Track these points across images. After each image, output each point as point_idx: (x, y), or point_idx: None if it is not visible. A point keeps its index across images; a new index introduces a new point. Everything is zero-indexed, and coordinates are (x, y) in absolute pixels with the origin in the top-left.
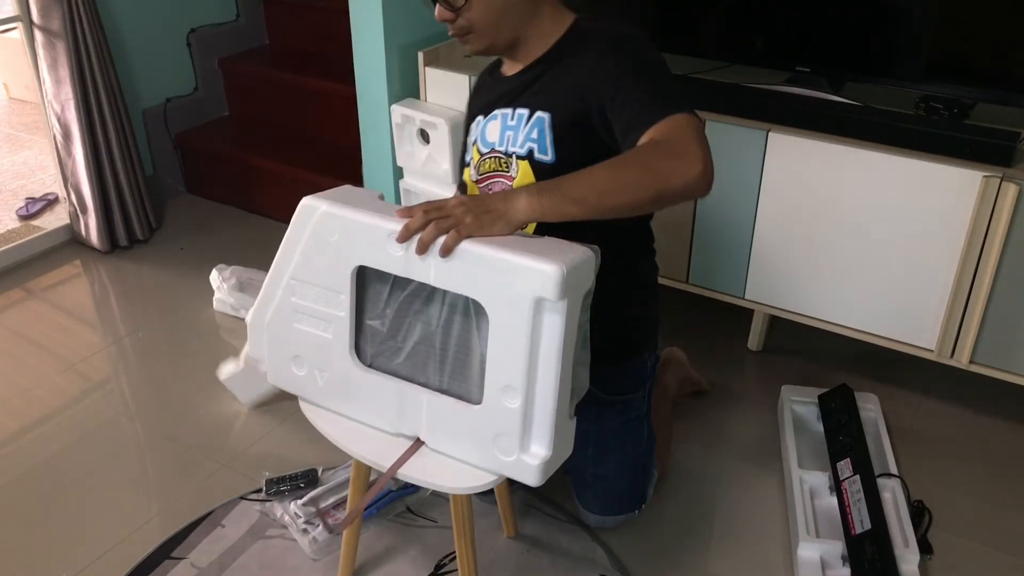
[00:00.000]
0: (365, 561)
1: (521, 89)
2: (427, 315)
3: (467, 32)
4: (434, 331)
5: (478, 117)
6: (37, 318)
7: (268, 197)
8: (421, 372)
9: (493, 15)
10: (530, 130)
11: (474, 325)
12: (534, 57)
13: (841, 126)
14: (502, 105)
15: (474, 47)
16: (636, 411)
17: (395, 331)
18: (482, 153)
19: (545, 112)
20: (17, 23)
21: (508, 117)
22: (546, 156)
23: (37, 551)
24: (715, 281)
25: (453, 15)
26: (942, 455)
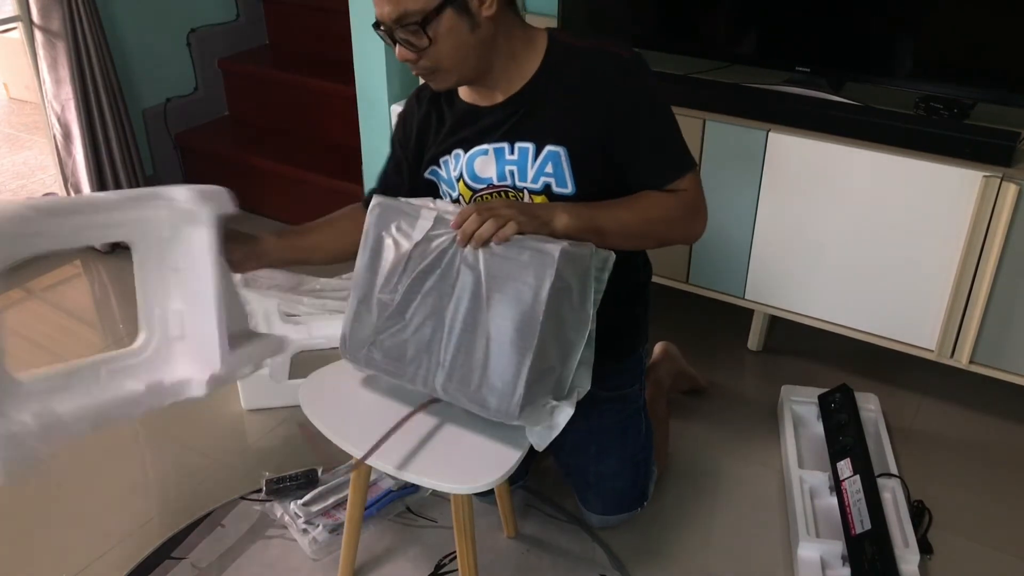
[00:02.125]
0: (365, 561)
1: (515, 121)
2: (439, 291)
3: (433, 72)
4: (444, 307)
5: (455, 151)
6: (37, 318)
7: (268, 197)
8: (426, 349)
9: (459, 52)
10: (542, 164)
11: (484, 303)
12: (517, 85)
13: (841, 126)
14: (490, 140)
15: (440, 85)
16: (634, 404)
17: (404, 307)
18: (475, 189)
19: (558, 146)
20: (17, 23)
21: (505, 151)
22: (566, 189)
23: (37, 551)
24: (715, 281)
25: (416, 55)
26: (942, 455)
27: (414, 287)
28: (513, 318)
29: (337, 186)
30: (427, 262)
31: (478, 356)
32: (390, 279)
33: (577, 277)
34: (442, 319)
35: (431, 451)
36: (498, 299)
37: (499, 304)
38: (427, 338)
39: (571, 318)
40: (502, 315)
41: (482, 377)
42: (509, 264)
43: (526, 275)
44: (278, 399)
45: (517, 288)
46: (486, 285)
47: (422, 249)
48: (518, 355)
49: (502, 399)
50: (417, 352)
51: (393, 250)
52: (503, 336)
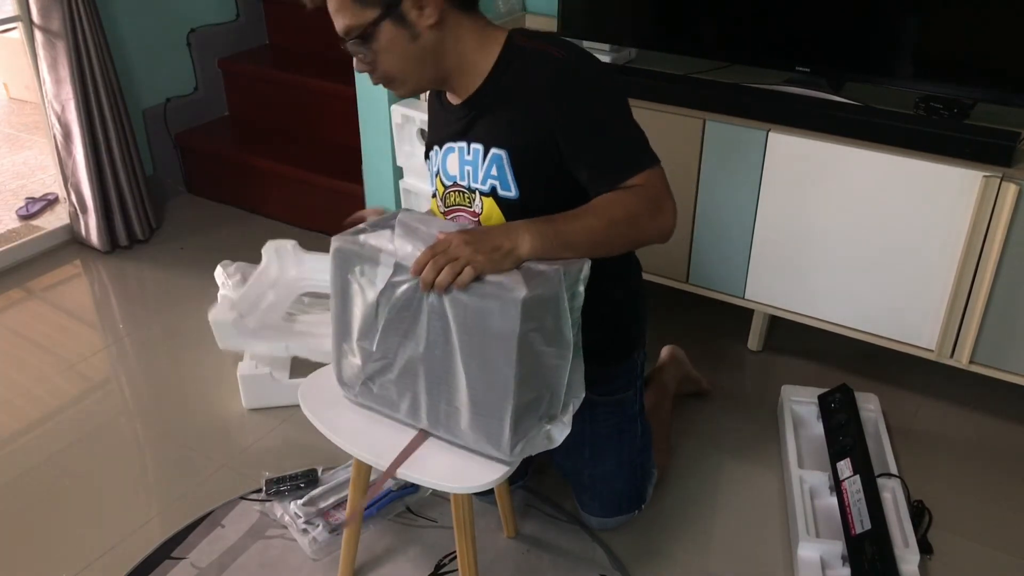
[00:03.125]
0: (365, 561)
1: (469, 122)
2: (414, 338)
3: (389, 81)
4: (420, 354)
5: (435, 147)
6: (37, 318)
7: (268, 197)
8: (411, 392)
9: (404, 62)
10: (488, 167)
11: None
12: (472, 88)
13: (841, 126)
14: (455, 138)
15: (401, 93)
16: (630, 410)
17: (384, 353)
18: (446, 186)
19: (500, 149)
20: (17, 23)
21: (464, 151)
22: (510, 192)
23: (37, 551)
24: (715, 281)
25: (368, 67)
26: (942, 455)
27: (388, 334)
28: (487, 366)
29: (337, 186)
30: (396, 311)
31: (461, 401)
32: (364, 328)
33: (549, 311)
34: (421, 364)
35: (431, 451)
36: (469, 348)
37: (471, 353)
38: (411, 381)
39: (550, 348)
40: (476, 363)
41: (469, 422)
42: (475, 313)
43: (493, 324)
44: (278, 399)
45: (485, 338)
46: (456, 334)
47: (387, 296)
48: (498, 400)
49: (491, 442)
50: (404, 394)
51: (360, 296)
52: (480, 383)
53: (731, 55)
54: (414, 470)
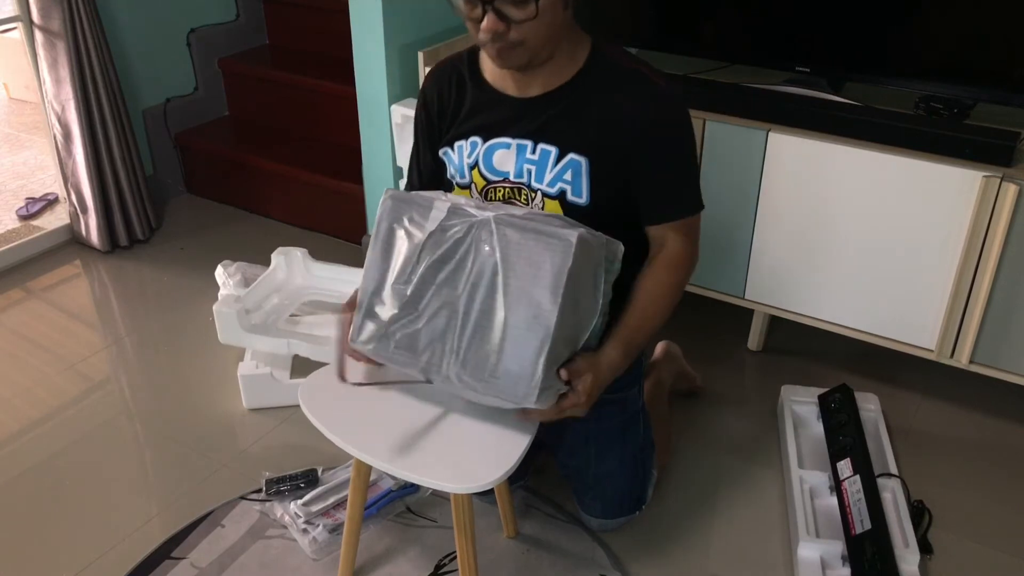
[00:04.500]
0: (365, 561)
1: (544, 121)
2: (454, 281)
3: (515, 47)
4: (459, 296)
5: (473, 137)
6: (37, 318)
7: (268, 197)
8: (439, 338)
9: (550, 29)
10: (562, 171)
11: (500, 290)
12: (558, 82)
13: (841, 126)
14: (513, 134)
15: (513, 62)
16: (633, 407)
17: (418, 297)
18: (490, 180)
19: (581, 156)
20: (17, 23)
21: (527, 150)
22: (580, 199)
23: (37, 551)
24: (715, 281)
25: (507, 27)
26: (942, 455)
27: (428, 277)
28: (531, 303)
29: (337, 186)
30: (441, 252)
31: (494, 342)
32: (404, 270)
33: (591, 264)
34: (456, 308)
35: (431, 451)
36: (516, 285)
37: (517, 290)
38: (441, 327)
39: (584, 303)
40: (520, 301)
41: (497, 363)
42: (527, 251)
43: (544, 261)
44: (278, 399)
45: (535, 274)
46: (503, 272)
47: (436, 239)
48: (536, 339)
49: (519, 383)
50: (430, 342)
51: (406, 241)
52: (520, 321)
53: (731, 55)
54: (414, 470)
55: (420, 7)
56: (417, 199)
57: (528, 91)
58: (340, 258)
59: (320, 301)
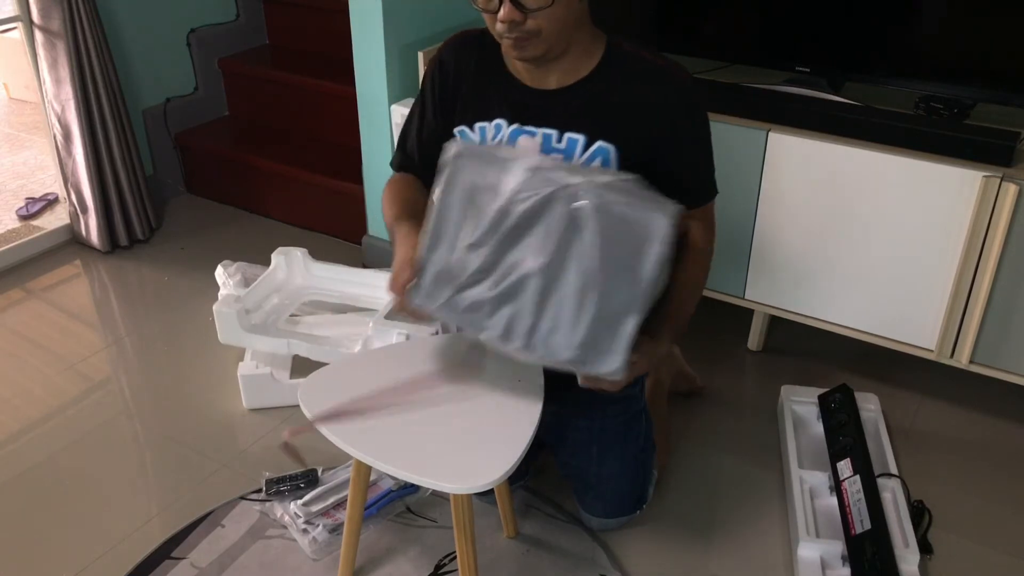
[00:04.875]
0: (365, 561)
1: (569, 112)
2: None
3: (531, 37)
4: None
5: (498, 120)
6: (37, 318)
7: (268, 197)
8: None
9: (566, 19)
10: (590, 159)
11: (590, 263)
12: (578, 75)
13: (841, 126)
14: (538, 123)
15: (529, 53)
16: (636, 406)
17: (493, 261)
18: None
19: (610, 144)
20: (17, 23)
21: (553, 139)
22: None
23: (37, 551)
24: (715, 281)
25: (523, 17)
26: (942, 455)
27: (506, 241)
28: (621, 279)
29: (337, 186)
30: (523, 217)
31: (579, 316)
32: (478, 233)
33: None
34: (537, 276)
35: (431, 451)
36: (606, 260)
37: (606, 261)
38: (515, 299)
39: (663, 275)
40: (609, 276)
41: (583, 338)
42: (624, 223)
43: (642, 232)
44: (278, 399)
45: (631, 246)
46: (594, 243)
47: (515, 204)
48: (624, 315)
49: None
50: (499, 310)
51: (482, 202)
52: (608, 297)
53: (731, 55)
54: (414, 470)
55: (420, 7)
56: (491, 155)
57: (545, 83)
58: (340, 258)
59: (320, 301)
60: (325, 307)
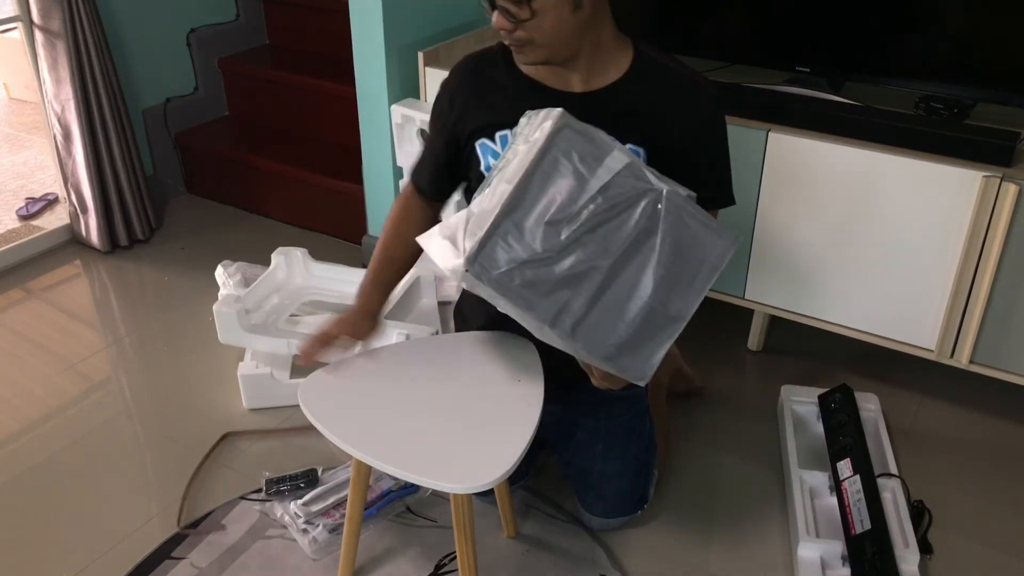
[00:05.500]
0: (365, 561)
1: (598, 116)
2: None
3: (525, 44)
4: (609, 258)
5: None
6: (37, 318)
7: (268, 197)
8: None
9: (557, 29)
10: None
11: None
12: (606, 79)
13: (841, 126)
14: None
15: (529, 58)
16: (640, 404)
17: (567, 243)
18: None
19: (639, 146)
20: (17, 23)
21: None
22: None
23: (37, 551)
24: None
25: (512, 25)
26: (942, 455)
27: (584, 227)
28: (680, 293)
29: (337, 186)
30: (607, 207)
31: (627, 317)
32: (563, 209)
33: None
34: (601, 269)
35: (431, 451)
36: (671, 271)
37: (671, 276)
38: (576, 286)
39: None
40: (671, 287)
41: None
42: (690, 240)
43: (704, 252)
44: (278, 399)
45: (691, 266)
46: (662, 253)
47: (606, 192)
48: (668, 327)
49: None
50: (558, 290)
51: (571, 180)
52: (663, 306)
53: (731, 55)
54: (414, 470)
55: (420, 7)
56: (594, 136)
57: (570, 85)
58: (340, 258)
59: (320, 301)
60: (325, 307)
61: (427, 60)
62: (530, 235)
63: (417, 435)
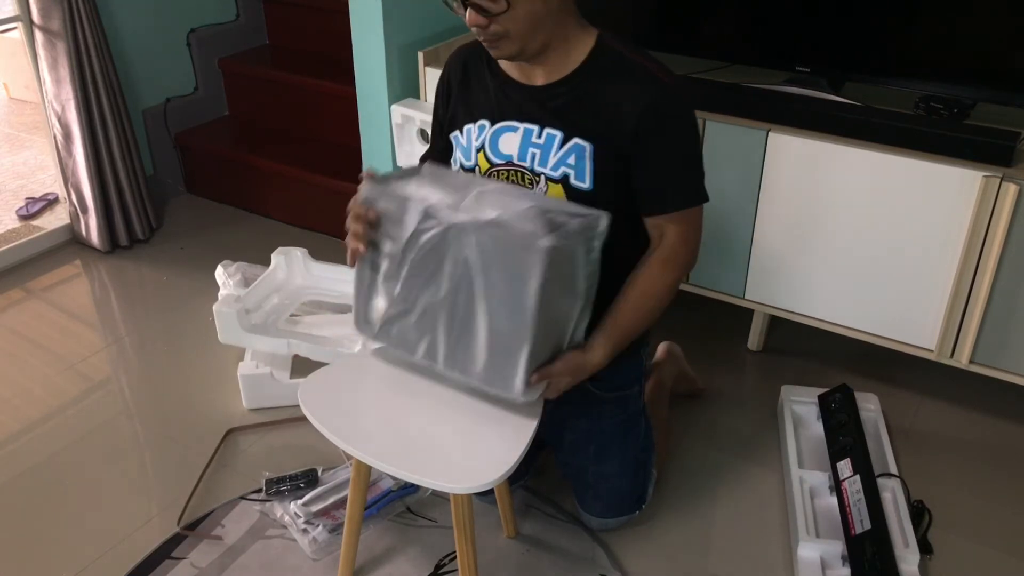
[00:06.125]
0: (365, 561)
1: (551, 108)
2: (436, 283)
3: (500, 38)
4: (442, 298)
5: (481, 121)
6: (37, 318)
7: (268, 197)
8: (430, 333)
9: (530, 20)
10: (566, 155)
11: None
12: (564, 71)
13: (841, 126)
14: (523, 118)
15: (503, 52)
16: (634, 406)
17: (407, 295)
18: (494, 163)
19: (586, 141)
20: (17, 23)
21: (533, 134)
22: (583, 183)
23: (37, 551)
24: (715, 281)
25: (487, 20)
26: (942, 455)
27: (412, 278)
28: (507, 309)
29: (337, 186)
30: (421, 256)
31: (479, 345)
32: (390, 270)
33: (568, 260)
34: (442, 309)
35: (431, 451)
36: (492, 292)
37: (493, 296)
38: (431, 326)
39: (564, 296)
40: (497, 307)
41: (485, 363)
42: (501, 258)
43: (518, 268)
44: (278, 399)
45: (509, 282)
46: (480, 280)
47: (414, 242)
48: (516, 342)
49: (505, 383)
50: (422, 337)
51: (388, 242)
52: (499, 326)
53: (731, 55)
54: (414, 470)
55: (420, 7)
56: (392, 191)
57: (533, 79)
58: (340, 258)
59: (320, 301)
60: (325, 307)
61: (427, 60)
62: (381, 296)
63: (417, 435)
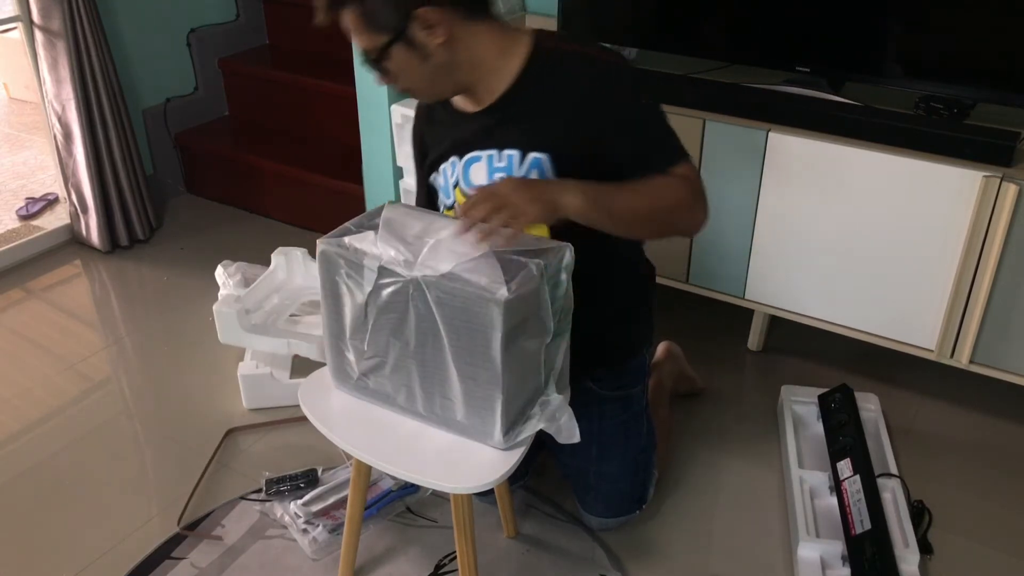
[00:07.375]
0: (365, 561)
1: (498, 127)
2: (403, 338)
3: (410, 92)
4: (411, 352)
5: (451, 157)
6: (37, 318)
7: (268, 197)
8: (406, 386)
9: (420, 79)
10: (527, 172)
11: (445, 348)
12: (503, 87)
13: (841, 126)
14: (481, 146)
15: (426, 100)
16: (637, 405)
17: (376, 351)
18: (468, 196)
19: (541, 153)
20: (17, 23)
21: (494, 158)
22: None
23: (37, 551)
24: (715, 281)
25: (390, 81)
26: (942, 455)
27: (378, 333)
28: (475, 361)
29: (337, 186)
30: (383, 312)
31: (454, 394)
32: (355, 327)
33: (531, 305)
34: (413, 361)
35: (431, 451)
36: (457, 345)
37: (459, 349)
38: (406, 378)
39: (533, 339)
40: (465, 359)
41: (463, 413)
42: (460, 313)
43: (478, 322)
44: (278, 399)
45: (472, 336)
46: (444, 332)
47: (375, 299)
48: (488, 393)
49: (486, 432)
50: (399, 388)
51: (349, 298)
52: (469, 378)
53: (731, 55)
54: (414, 470)
55: None
56: (349, 255)
57: (481, 103)
58: None
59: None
60: None
61: None
62: (352, 354)
63: (417, 435)
